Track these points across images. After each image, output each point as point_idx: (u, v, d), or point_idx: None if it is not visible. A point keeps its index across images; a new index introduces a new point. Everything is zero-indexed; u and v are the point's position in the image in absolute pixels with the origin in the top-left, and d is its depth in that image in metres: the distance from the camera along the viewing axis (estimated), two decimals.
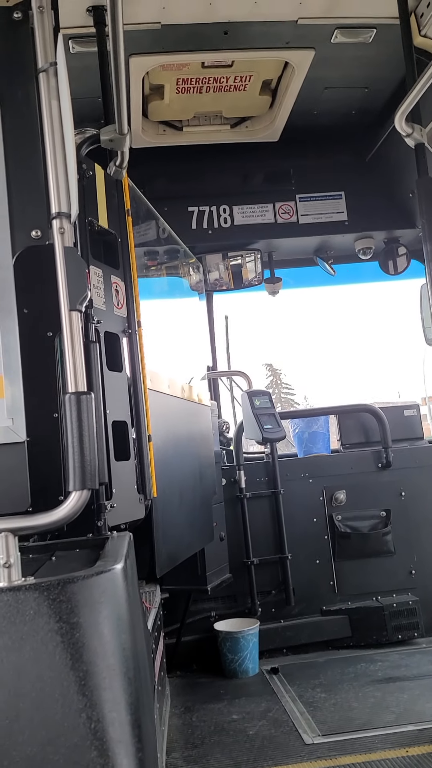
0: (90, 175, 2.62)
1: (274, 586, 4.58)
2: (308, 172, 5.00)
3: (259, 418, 4.60)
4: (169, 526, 3.18)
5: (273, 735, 3.16)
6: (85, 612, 1.48)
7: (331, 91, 4.29)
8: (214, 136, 4.52)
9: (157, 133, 4.44)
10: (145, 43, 3.53)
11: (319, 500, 4.69)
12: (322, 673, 3.98)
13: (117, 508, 2.48)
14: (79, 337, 1.84)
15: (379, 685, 3.68)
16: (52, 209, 1.89)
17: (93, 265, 2.58)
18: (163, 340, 3.59)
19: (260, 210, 4.98)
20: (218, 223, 4.93)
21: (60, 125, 1.93)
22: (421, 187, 3.20)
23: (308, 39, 3.67)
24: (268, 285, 5.38)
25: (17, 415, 2.10)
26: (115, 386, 2.66)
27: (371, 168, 4.98)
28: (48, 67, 1.95)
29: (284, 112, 4.35)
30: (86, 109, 3.24)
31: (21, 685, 1.41)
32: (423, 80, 2.86)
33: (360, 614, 4.50)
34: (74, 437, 1.76)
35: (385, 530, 4.66)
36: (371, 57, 3.90)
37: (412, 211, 4.84)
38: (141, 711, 1.55)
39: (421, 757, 2.78)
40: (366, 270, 5.54)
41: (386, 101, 4.43)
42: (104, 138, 2.55)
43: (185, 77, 3.94)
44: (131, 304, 2.87)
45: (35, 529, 1.72)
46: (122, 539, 2.05)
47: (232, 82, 4.04)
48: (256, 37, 3.61)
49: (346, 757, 2.84)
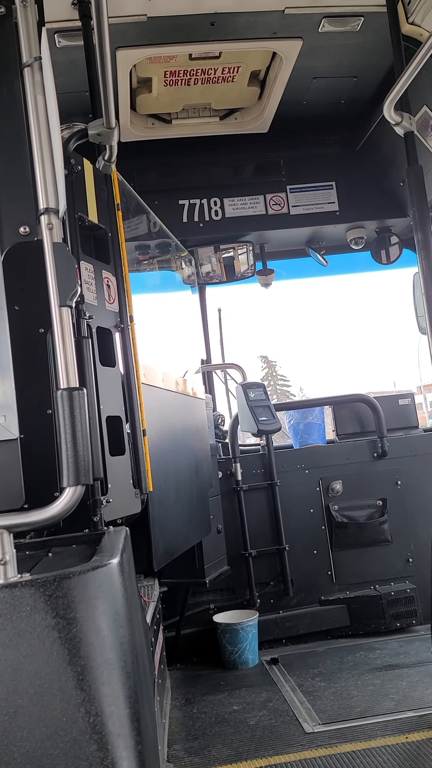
0: (78, 170, 2.60)
1: (272, 578, 4.60)
2: (298, 163, 4.98)
3: (254, 410, 4.60)
4: (165, 519, 3.19)
5: (273, 725, 3.18)
6: (82, 607, 1.48)
7: (320, 80, 4.27)
8: (204, 128, 4.50)
9: (145, 127, 4.42)
10: (132, 35, 3.50)
11: (316, 491, 4.71)
12: (322, 663, 4.01)
13: (113, 503, 2.48)
14: (69, 332, 1.83)
15: (378, 672, 3.71)
16: (40, 205, 1.88)
17: (83, 260, 2.57)
18: (156, 334, 3.58)
19: (251, 202, 4.97)
20: (209, 215, 4.91)
21: (46, 120, 1.91)
22: (411, 175, 3.20)
23: (296, 28, 3.65)
24: (261, 277, 5.38)
25: (9, 413, 2.09)
26: (109, 381, 2.65)
27: (362, 157, 4.97)
28: (33, 61, 1.93)
29: (273, 103, 4.34)
30: (74, 104, 3.23)
31: (19, 682, 1.41)
32: (411, 68, 2.86)
33: (358, 603, 4.53)
34: (67, 433, 1.75)
35: (382, 519, 4.68)
36: (359, 45, 3.88)
37: (403, 200, 4.84)
38: (140, 704, 1.56)
39: (420, 743, 2.80)
40: (358, 260, 5.54)
41: (375, 90, 4.41)
42: (92, 132, 2.53)
43: (173, 69, 3.92)
44: (123, 298, 2.86)
45: (30, 525, 1.71)
46: (119, 534, 2.05)
47: (220, 74, 4.02)
48: (243, 28, 3.60)
49: (347, 745, 2.86)
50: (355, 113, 4.70)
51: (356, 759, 2.73)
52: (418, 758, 2.68)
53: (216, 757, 2.94)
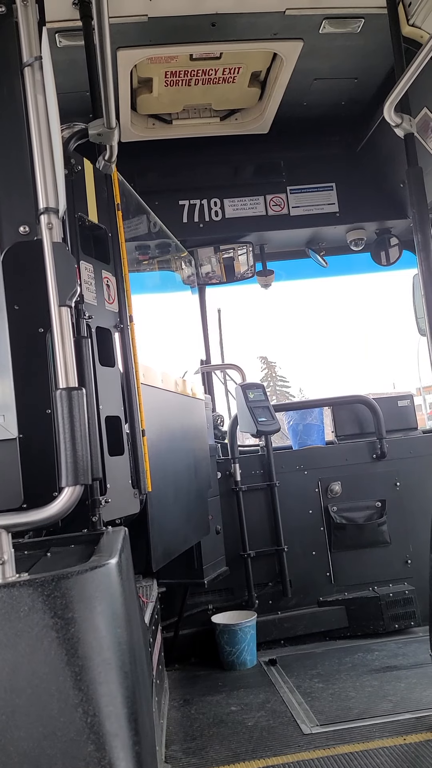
0: (79, 170, 2.61)
1: (270, 578, 4.59)
2: (299, 164, 4.99)
3: (254, 411, 4.61)
4: (164, 520, 3.18)
5: (271, 726, 3.18)
6: (80, 607, 1.48)
7: (321, 81, 4.27)
8: (204, 128, 4.50)
9: (146, 127, 4.42)
10: (133, 35, 3.50)
11: (315, 492, 4.71)
12: (320, 664, 4.01)
13: (112, 503, 2.48)
14: (69, 332, 1.83)
15: (377, 674, 3.71)
16: (40, 204, 1.88)
17: (83, 260, 2.57)
18: (155, 334, 3.58)
19: (251, 203, 4.97)
20: (209, 216, 4.91)
21: (46, 120, 1.92)
22: (411, 177, 3.20)
23: (296, 30, 3.65)
24: (261, 278, 5.38)
25: (8, 412, 2.10)
26: (108, 381, 2.65)
27: (362, 159, 4.97)
28: (33, 61, 1.93)
29: (273, 104, 4.34)
30: (74, 104, 3.23)
31: (17, 681, 1.41)
32: (411, 70, 2.86)
33: (357, 604, 4.53)
34: (66, 433, 1.75)
35: (381, 521, 4.68)
36: (360, 47, 3.88)
37: (403, 202, 4.84)
38: (138, 704, 1.56)
39: (418, 745, 2.80)
40: (358, 261, 5.54)
41: (376, 91, 4.42)
42: (92, 132, 2.53)
43: (173, 70, 3.92)
44: (122, 299, 2.86)
45: (29, 525, 1.71)
46: (117, 534, 2.05)
47: (221, 75, 4.02)
48: (244, 29, 3.60)
49: (345, 746, 2.86)
50: (356, 114, 4.70)
51: (354, 760, 2.73)
52: (416, 760, 2.68)
53: (214, 758, 2.94)
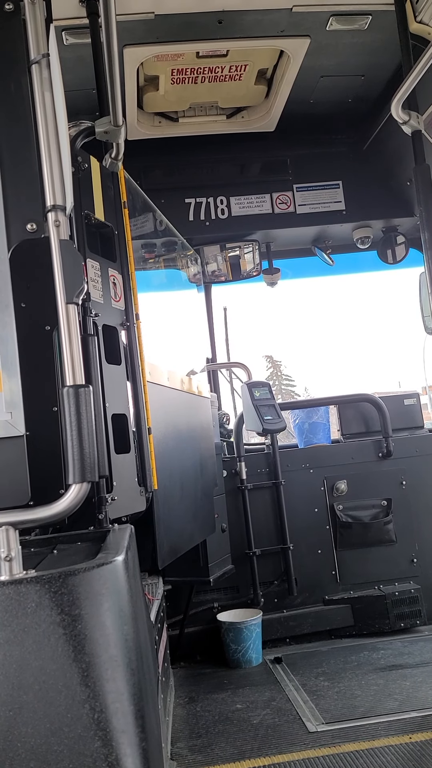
0: (85, 168, 2.61)
1: (276, 577, 4.59)
2: (305, 162, 4.98)
3: (259, 410, 4.60)
4: (170, 518, 3.18)
5: (277, 723, 3.18)
6: (86, 604, 1.48)
7: (327, 79, 4.26)
8: (210, 126, 4.50)
9: (152, 125, 4.42)
10: (139, 33, 3.50)
11: (320, 490, 4.70)
12: (325, 662, 4.00)
13: (118, 501, 2.48)
14: (76, 330, 1.83)
15: (382, 672, 3.70)
16: (47, 202, 1.89)
17: (90, 258, 2.57)
18: (161, 332, 3.58)
19: (257, 201, 4.96)
20: (216, 214, 4.91)
21: (54, 117, 1.92)
22: (418, 174, 3.19)
23: (303, 27, 3.64)
24: (267, 276, 5.37)
25: (15, 409, 2.10)
26: (114, 379, 2.65)
27: (369, 156, 4.96)
28: (40, 58, 1.93)
29: (280, 102, 4.33)
30: (81, 101, 3.24)
31: (24, 678, 1.41)
32: (419, 67, 2.85)
33: (362, 603, 4.52)
34: (73, 430, 1.76)
35: (387, 519, 4.67)
36: (367, 44, 3.87)
37: (410, 200, 4.82)
38: (144, 701, 1.56)
39: (424, 744, 2.80)
40: (364, 259, 5.53)
41: (383, 88, 4.40)
42: (99, 130, 2.53)
43: (180, 67, 3.92)
44: (129, 296, 2.86)
45: (36, 522, 1.72)
46: (123, 531, 2.05)
47: (228, 72, 4.02)
48: (250, 26, 3.59)
49: (350, 745, 2.86)
50: (363, 112, 4.69)
51: (359, 759, 2.73)
52: (422, 758, 2.67)
53: (219, 755, 2.94)
